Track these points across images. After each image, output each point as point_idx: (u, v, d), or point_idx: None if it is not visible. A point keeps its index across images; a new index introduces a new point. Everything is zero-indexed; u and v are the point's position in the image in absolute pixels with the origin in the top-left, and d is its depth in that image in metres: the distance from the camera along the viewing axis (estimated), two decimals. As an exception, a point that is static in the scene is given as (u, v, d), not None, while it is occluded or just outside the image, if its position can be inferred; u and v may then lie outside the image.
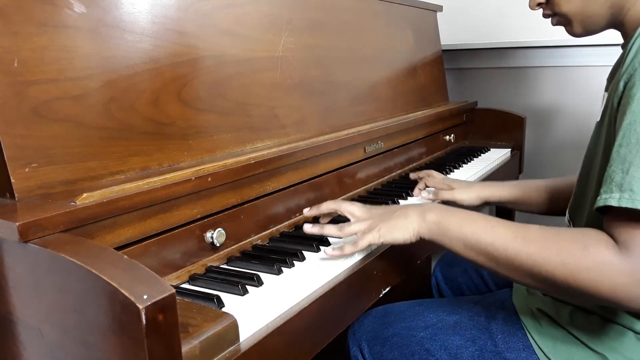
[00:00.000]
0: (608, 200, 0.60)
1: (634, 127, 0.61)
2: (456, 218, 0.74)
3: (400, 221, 0.78)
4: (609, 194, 0.61)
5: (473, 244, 0.71)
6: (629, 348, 0.73)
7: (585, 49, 1.72)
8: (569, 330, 0.78)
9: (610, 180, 0.61)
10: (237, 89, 0.93)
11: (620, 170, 0.61)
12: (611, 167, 0.62)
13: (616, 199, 0.59)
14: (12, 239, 0.54)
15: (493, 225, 0.70)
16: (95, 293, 0.49)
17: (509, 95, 1.94)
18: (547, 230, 0.66)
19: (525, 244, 0.65)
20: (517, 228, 0.68)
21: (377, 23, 1.43)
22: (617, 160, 0.62)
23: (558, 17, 0.83)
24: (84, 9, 0.71)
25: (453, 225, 0.74)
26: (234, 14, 0.95)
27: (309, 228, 0.83)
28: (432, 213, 0.77)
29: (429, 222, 0.76)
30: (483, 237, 0.69)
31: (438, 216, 0.76)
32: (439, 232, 0.75)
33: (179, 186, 0.71)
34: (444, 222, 0.75)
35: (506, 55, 1.91)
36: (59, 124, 0.66)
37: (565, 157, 1.84)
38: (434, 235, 0.76)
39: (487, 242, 0.69)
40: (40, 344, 0.57)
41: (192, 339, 0.54)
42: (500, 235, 0.68)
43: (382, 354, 0.89)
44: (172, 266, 0.73)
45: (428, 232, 0.77)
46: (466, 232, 0.72)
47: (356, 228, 0.80)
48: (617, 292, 0.59)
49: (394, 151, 1.32)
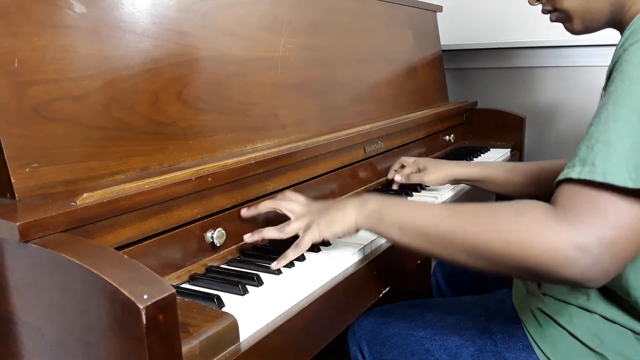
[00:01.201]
0: (569, 173, 0.57)
1: (605, 108, 0.59)
2: (394, 205, 0.74)
3: (339, 214, 0.77)
4: (570, 168, 0.58)
5: (408, 225, 0.69)
6: (629, 348, 0.73)
7: (585, 49, 1.72)
8: (568, 330, 0.78)
9: (575, 156, 0.59)
10: (237, 89, 0.93)
11: (585, 147, 0.58)
12: (579, 145, 0.60)
13: (577, 172, 0.56)
14: (13, 239, 0.55)
15: (430, 207, 0.70)
16: (95, 293, 0.49)
17: (509, 95, 1.94)
18: (483, 205, 0.64)
19: (458, 215, 0.64)
20: (451, 206, 0.67)
21: (377, 23, 1.43)
22: (585, 138, 0.59)
23: (558, 14, 0.82)
24: (84, 9, 0.71)
25: (390, 211, 0.72)
26: (234, 14, 0.95)
27: (248, 237, 0.82)
28: (371, 202, 0.76)
29: (367, 211, 0.75)
30: (417, 217, 0.68)
31: (377, 205, 0.75)
32: (377, 219, 0.74)
33: (179, 186, 0.71)
34: (382, 209, 0.74)
35: (506, 55, 1.91)
36: (59, 124, 0.66)
37: (565, 157, 1.84)
38: (371, 224, 0.75)
39: (421, 220, 0.68)
40: (41, 343, 0.57)
41: (193, 338, 0.54)
42: (434, 212, 0.67)
43: (382, 354, 0.89)
44: (172, 266, 0.73)
45: (365, 222, 0.75)
46: (402, 216, 0.70)
47: (296, 227, 0.79)
48: (550, 256, 0.55)
49: (394, 151, 1.32)
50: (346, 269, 0.79)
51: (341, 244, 0.86)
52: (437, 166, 1.14)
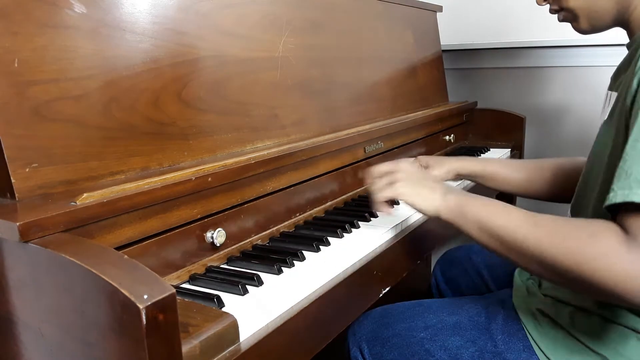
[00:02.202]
0: (629, 195, 0.58)
1: None
2: (475, 201, 0.76)
3: (427, 192, 0.82)
4: (627, 189, 0.58)
5: (487, 227, 0.72)
6: (630, 349, 0.73)
7: (587, 49, 1.72)
8: (569, 331, 0.78)
9: (627, 175, 0.59)
10: (237, 89, 0.93)
11: (638, 166, 0.59)
12: (626, 163, 0.60)
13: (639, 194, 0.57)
14: (13, 239, 0.54)
15: (509, 211, 0.71)
16: (95, 293, 0.49)
17: (509, 95, 1.94)
18: (559, 218, 0.66)
19: (535, 228, 0.66)
20: (530, 214, 0.69)
21: (377, 23, 1.43)
22: (633, 156, 0.60)
23: (565, 13, 0.82)
24: (84, 9, 0.71)
25: (471, 208, 0.75)
26: (234, 14, 0.95)
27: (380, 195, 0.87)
28: (453, 195, 0.80)
29: (450, 202, 0.78)
30: (497, 221, 0.71)
31: (459, 198, 0.78)
32: (458, 213, 0.77)
33: (179, 186, 0.71)
34: (463, 204, 0.77)
35: (506, 55, 1.91)
36: (59, 124, 0.66)
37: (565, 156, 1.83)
38: (452, 216, 0.78)
39: (499, 225, 0.70)
40: (41, 343, 0.57)
41: (192, 338, 0.54)
42: (513, 218, 0.69)
43: (382, 355, 0.89)
44: (172, 266, 0.73)
45: (447, 213, 0.79)
46: (482, 215, 0.73)
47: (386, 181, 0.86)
48: (620, 284, 0.57)
49: (394, 151, 1.32)
50: (346, 269, 0.79)
51: (341, 244, 0.86)
52: (439, 162, 1.16)
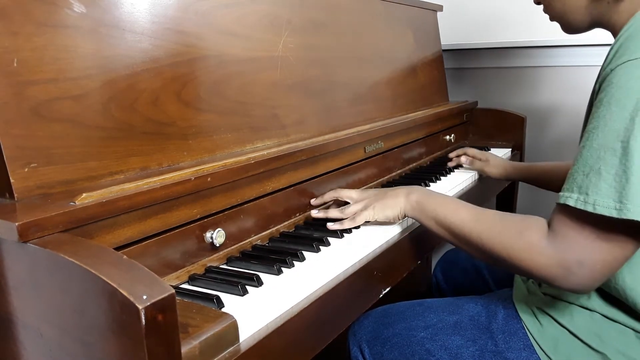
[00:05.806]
0: (568, 199, 0.66)
1: (596, 133, 0.64)
2: (433, 200, 0.86)
3: (392, 201, 0.90)
4: (569, 192, 0.66)
5: (442, 222, 0.82)
6: (630, 347, 0.73)
7: (586, 49, 1.72)
8: (569, 329, 0.78)
9: (573, 179, 0.66)
10: (237, 89, 0.93)
11: (582, 173, 0.65)
12: (575, 166, 0.67)
13: (574, 199, 0.65)
14: (12, 239, 0.54)
15: (459, 208, 0.82)
16: (94, 293, 0.49)
17: (509, 95, 1.94)
18: (497, 215, 0.77)
19: (477, 224, 0.77)
20: (476, 212, 0.80)
21: (377, 23, 1.43)
22: (580, 162, 0.66)
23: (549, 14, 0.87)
24: (83, 9, 0.71)
25: (430, 206, 0.85)
26: (234, 13, 0.95)
27: (315, 213, 0.96)
28: (415, 194, 0.88)
29: (412, 201, 0.88)
30: (449, 217, 0.81)
31: (419, 197, 0.87)
32: (419, 210, 0.87)
33: (178, 186, 0.71)
34: (423, 202, 0.86)
35: (506, 55, 1.90)
36: (58, 124, 0.66)
37: (566, 157, 1.83)
38: (415, 213, 0.87)
39: (451, 221, 0.81)
40: (40, 344, 0.57)
41: (192, 339, 0.54)
42: (461, 216, 0.80)
43: (382, 354, 0.89)
44: (171, 266, 0.73)
45: (411, 210, 0.88)
46: (438, 212, 0.83)
47: (354, 208, 0.92)
48: (541, 271, 0.68)
49: (394, 151, 1.32)
50: (346, 269, 0.79)
51: (341, 244, 0.86)
52: (498, 162, 1.32)
